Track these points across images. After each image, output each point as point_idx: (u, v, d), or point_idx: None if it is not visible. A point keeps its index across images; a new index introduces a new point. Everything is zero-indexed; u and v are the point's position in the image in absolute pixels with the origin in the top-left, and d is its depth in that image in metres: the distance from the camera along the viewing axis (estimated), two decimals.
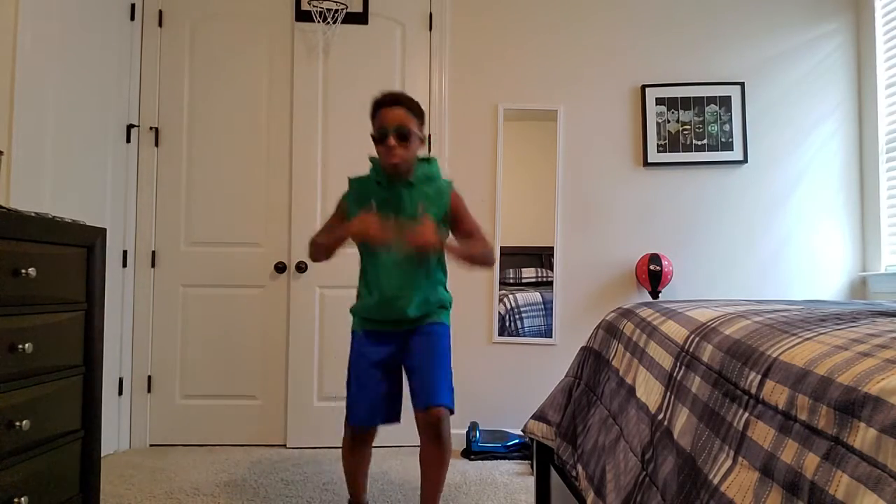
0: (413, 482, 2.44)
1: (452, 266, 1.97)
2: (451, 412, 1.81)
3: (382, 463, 2.65)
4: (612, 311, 1.71)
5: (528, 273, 3.12)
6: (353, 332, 1.96)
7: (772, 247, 3.09)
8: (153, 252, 3.02)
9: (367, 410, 1.86)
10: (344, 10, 2.97)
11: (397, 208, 1.85)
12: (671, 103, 3.09)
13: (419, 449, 1.83)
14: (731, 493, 0.77)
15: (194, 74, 3.07)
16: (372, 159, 1.91)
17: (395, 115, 1.81)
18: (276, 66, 3.07)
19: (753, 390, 0.84)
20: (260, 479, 2.47)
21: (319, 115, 3.02)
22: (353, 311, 1.98)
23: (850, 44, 3.13)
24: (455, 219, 1.92)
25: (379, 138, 1.83)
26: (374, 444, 1.96)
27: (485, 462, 2.74)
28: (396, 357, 1.89)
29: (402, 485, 2.42)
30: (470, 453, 2.80)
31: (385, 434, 2.38)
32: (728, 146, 3.08)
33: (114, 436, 2.86)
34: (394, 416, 1.90)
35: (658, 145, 3.09)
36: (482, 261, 1.93)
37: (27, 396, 1.51)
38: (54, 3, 2.41)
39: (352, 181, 1.95)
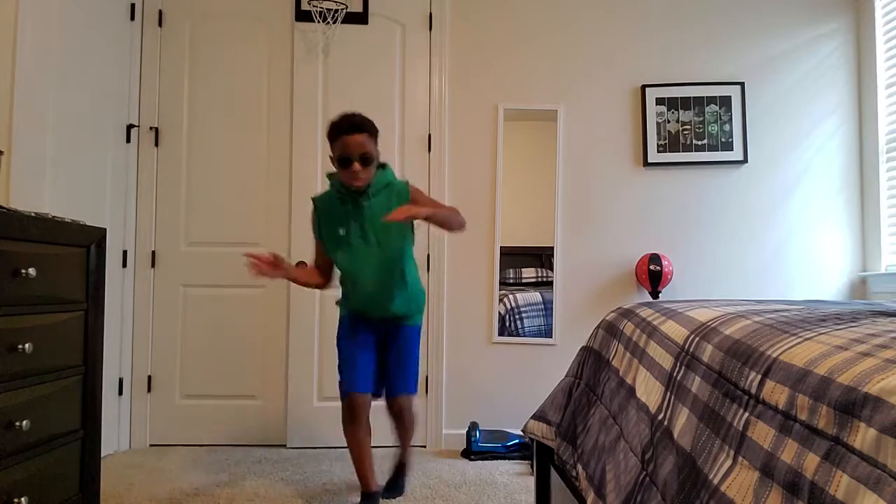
0: (413, 482, 2.44)
1: (453, 266, 1.99)
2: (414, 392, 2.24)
3: (382, 463, 2.65)
4: (612, 311, 1.71)
5: (528, 273, 3.12)
6: (342, 318, 2.21)
7: (772, 247, 3.09)
8: (153, 252, 3.02)
9: (360, 377, 2.08)
10: (344, 10, 2.97)
11: (363, 218, 2.05)
12: (671, 103, 3.09)
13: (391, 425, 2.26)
14: (731, 493, 0.77)
15: (194, 74, 3.07)
16: (330, 176, 2.12)
17: (357, 143, 1.97)
18: (275, 66, 3.07)
19: (753, 390, 0.84)
20: (260, 479, 2.47)
21: (319, 115, 3.02)
22: (340, 304, 2.23)
23: (850, 44, 3.13)
24: (418, 204, 2.09)
25: (342, 164, 1.99)
26: (373, 445, 2.07)
27: (485, 462, 2.74)
28: (380, 341, 2.17)
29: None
30: (470, 453, 2.80)
31: (385, 434, 2.39)
32: (728, 146, 3.08)
33: (114, 436, 2.86)
34: (380, 389, 2.18)
35: (658, 145, 3.09)
36: (449, 220, 2.06)
37: (27, 396, 1.51)
38: (54, 3, 2.41)
39: (315, 200, 2.15)
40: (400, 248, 2.11)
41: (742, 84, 3.09)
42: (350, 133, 1.97)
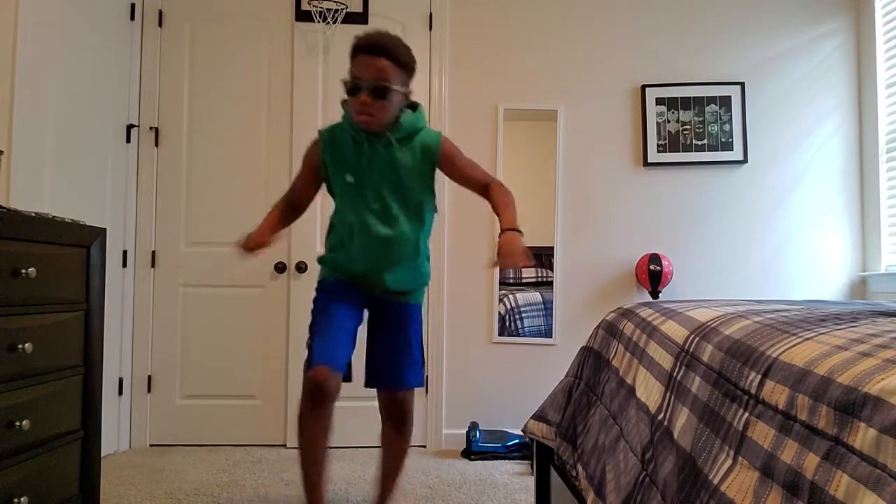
0: (413, 482, 2.44)
1: (453, 266, 1.98)
2: (421, 385, 1.82)
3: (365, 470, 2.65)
4: (612, 311, 1.71)
5: (528, 273, 3.12)
6: (323, 281, 1.76)
7: (772, 247, 3.09)
8: (153, 252, 3.02)
9: (336, 349, 1.63)
10: (344, 10, 2.97)
11: (375, 172, 1.63)
12: (671, 103, 3.09)
13: (381, 431, 1.83)
14: (731, 493, 0.77)
15: (194, 74, 3.07)
16: (344, 104, 1.69)
17: (374, 67, 1.53)
18: (276, 66, 3.07)
19: (753, 390, 0.84)
20: (260, 479, 2.47)
21: (319, 115, 3.02)
22: (322, 261, 1.77)
23: (850, 44, 3.13)
24: (452, 171, 1.73)
25: (350, 90, 1.57)
26: (365, 445, 1.84)
27: (485, 462, 2.74)
28: (362, 310, 1.75)
29: (402, 485, 2.41)
30: (470, 453, 2.80)
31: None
32: (728, 146, 3.08)
33: (114, 436, 2.86)
34: (348, 369, 1.70)
35: (658, 145, 3.09)
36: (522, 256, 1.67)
37: (27, 396, 1.51)
38: (54, 3, 2.41)
39: (323, 132, 1.73)
40: (418, 214, 1.71)
41: (742, 84, 3.09)
42: (370, 53, 1.54)
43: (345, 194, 1.69)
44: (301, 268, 2.97)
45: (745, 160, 3.08)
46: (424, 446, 2.99)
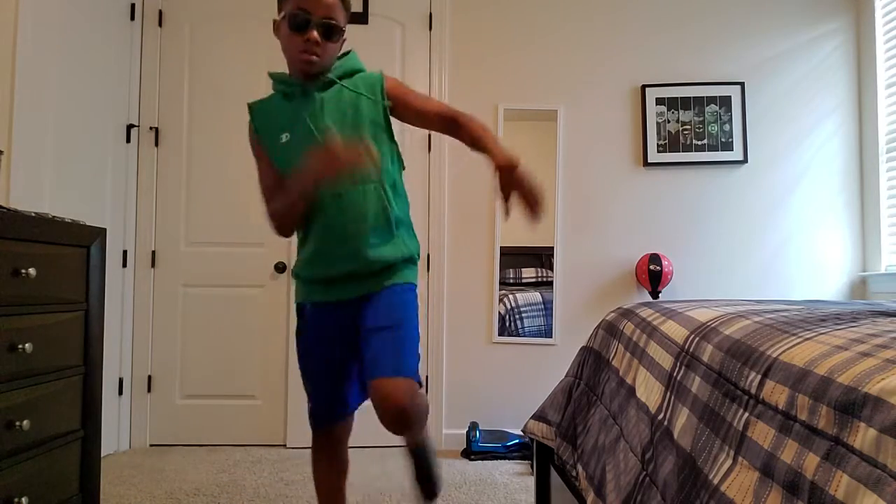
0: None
1: (453, 266, 1.94)
2: (420, 385, 1.39)
3: (383, 463, 2.65)
4: (612, 311, 1.71)
5: (528, 273, 3.12)
6: (298, 307, 1.49)
7: (772, 247, 3.09)
8: (153, 252, 3.02)
9: (332, 398, 1.47)
10: None
11: (315, 117, 1.39)
12: (671, 103, 3.09)
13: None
14: (731, 493, 0.77)
15: (194, 74, 3.07)
16: (273, 74, 1.52)
17: (324, 2, 1.37)
18: (275, 66, 3.06)
19: (753, 390, 0.84)
20: (260, 479, 2.47)
21: None
22: (295, 273, 1.49)
23: (850, 44, 3.13)
24: (407, 109, 1.48)
25: (294, 26, 1.36)
26: (372, 444, 1.64)
27: (485, 462, 2.74)
28: (353, 330, 1.42)
29: (402, 485, 2.42)
30: (470, 453, 2.80)
31: (384, 434, 2.36)
32: (728, 146, 3.08)
33: (114, 436, 2.86)
34: (365, 392, 1.47)
35: (658, 145, 3.09)
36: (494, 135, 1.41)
37: (27, 396, 1.51)
38: (54, 3, 2.41)
39: (252, 105, 1.54)
40: (378, 163, 1.39)
41: (742, 84, 3.09)
42: None
43: (285, 161, 1.41)
44: None
45: (745, 160, 3.08)
46: None
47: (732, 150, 3.08)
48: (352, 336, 1.43)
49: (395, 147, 1.50)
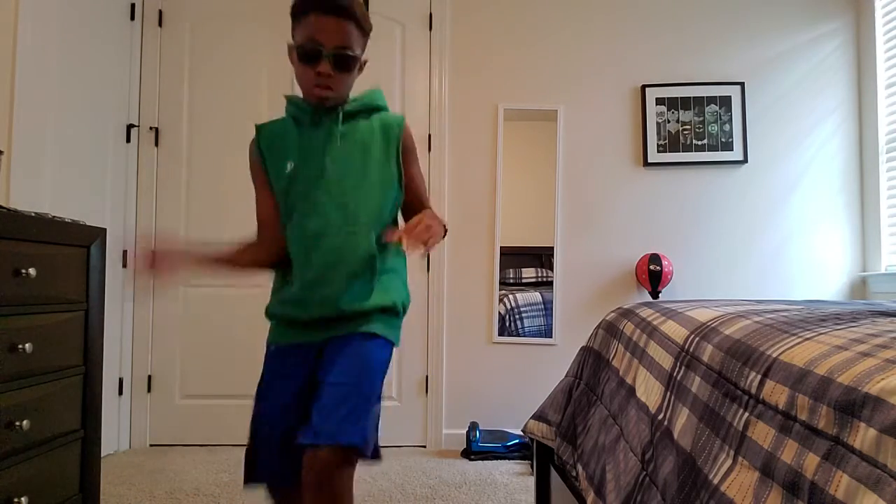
0: (413, 482, 2.44)
1: (453, 266, 1.94)
2: (360, 455, 1.15)
3: (384, 463, 2.65)
4: (612, 311, 1.71)
5: (528, 273, 3.12)
6: (267, 346, 1.38)
7: (772, 247, 3.09)
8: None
9: (279, 462, 1.29)
10: None
11: (326, 150, 1.28)
12: (671, 103, 3.09)
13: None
14: (731, 492, 0.77)
15: (194, 74, 3.07)
16: (289, 97, 1.40)
17: (337, 31, 1.24)
18: (275, 67, 3.07)
19: (753, 390, 0.84)
20: None
21: None
22: (268, 313, 1.38)
23: (850, 44, 3.13)
24: (405, 168, 1.36)
25: (305, 57, 1.26)
26: (384, 445, 1.36)
27: (485, 462, 2.74)
28: (313, 374, 1.27)
29: (402, 485, 2.42)
30: (470, 453, 2.80)
31: (386, 434, 2.37)
32: (728, 146, 3.08)
33: (114, 436, 2.86)
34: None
35: (658, 145, 3.09)
36: (438, 241, 1.26)
37: (27, 396, 1.51)
38: (54, 3, 2.41)
39: (260, 127, 1.42)
40: (376, 211, 1.31)
41: (742, 84, 3.09)
42: (331, 13, 1.23)
43: (284, 192, 1.33)
44: None
45: (745, 160, 3.08)
46: (424, 446, 3.00)
47: (732, 150, 3.08)
48: (310, 379, 1.28)
49: (400, 196, 1.37)
